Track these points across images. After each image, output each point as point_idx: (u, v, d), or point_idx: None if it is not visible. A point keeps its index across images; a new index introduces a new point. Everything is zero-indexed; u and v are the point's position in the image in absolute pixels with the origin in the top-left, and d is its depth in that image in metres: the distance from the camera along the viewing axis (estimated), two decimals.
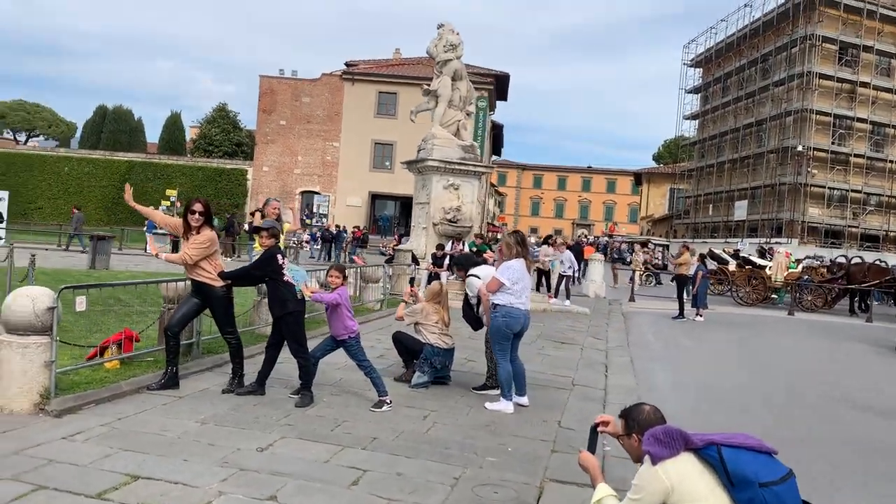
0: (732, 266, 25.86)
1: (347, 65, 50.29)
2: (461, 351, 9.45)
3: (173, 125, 59.36)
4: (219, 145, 51.98)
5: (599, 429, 3.65)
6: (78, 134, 78.11)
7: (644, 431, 3.26)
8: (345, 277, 6.67)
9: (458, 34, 18.18)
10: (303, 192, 47.04)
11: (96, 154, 48.04)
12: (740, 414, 8.06)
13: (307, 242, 37.96)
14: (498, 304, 6.80)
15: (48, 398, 5.51)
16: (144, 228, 28.76)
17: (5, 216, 32.74)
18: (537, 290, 19.63)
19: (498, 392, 7.00)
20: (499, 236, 40.84)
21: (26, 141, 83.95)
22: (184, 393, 6.48)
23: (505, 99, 56.94)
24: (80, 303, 6.06)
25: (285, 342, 6.59)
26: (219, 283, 6.47)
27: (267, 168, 46.98)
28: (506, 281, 6.74)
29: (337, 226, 37.93)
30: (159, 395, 6.32)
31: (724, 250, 29.13)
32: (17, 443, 4.79)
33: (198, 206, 6.47)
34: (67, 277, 14.42)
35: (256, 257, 9.11)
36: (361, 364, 6.58)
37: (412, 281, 7.89)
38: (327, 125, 46.68)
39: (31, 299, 5.42)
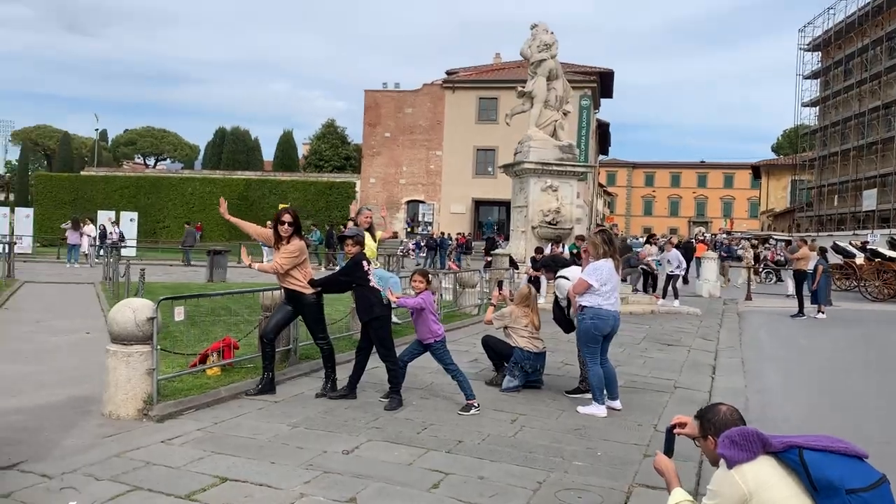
0: (860, 259, 24.19)
1: (448, 73, 50.85)
2: (557, 354, 9.31)
3: (286, 143, 61.87)
4: (328, 160, 53.74)
5: (676, 430, 3.47)
6: (201, 155, 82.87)
7: (720, 433, 3.07)
8: (428, 282, 6.70)
9: (552, 33, 17.99)
10: (408, 202, 47.86)
11: (216, 174, 50.74)
12: (858, 416, 7.48)
13: (412, 250, 38.58)
14: (585, 306, 6.63)
15: (151, 404, 5.82)
16: (260, 242, 30.03)
17: (127, 235, 35.12)
18: (645, 291, 19.07)
19: (591, 396, 6.82)
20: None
21: (155, 164, 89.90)
22: (279, 397, 6.69)
23: (610, 96, 55.90)
24: (179, 313, 6.38)
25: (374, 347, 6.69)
26: (309, 291, 6.65)
27: (374, 180, 48.10)
28: (593, 282, 6.56)
29: (442, 233, 38.32)
30: (256, 400, 6.55)
31: (850, 243, 27.29)
32: (120, 446, 5.08)
33: (287, 217, 6.67)
34: (185, 290, 15.24)
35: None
36: (448, 367, 6.58)
37: (500, 284, 7.83)
38: (430, 134, 47.31)
39: (132, 310, 5.75)
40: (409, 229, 45.01)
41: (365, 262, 6.53)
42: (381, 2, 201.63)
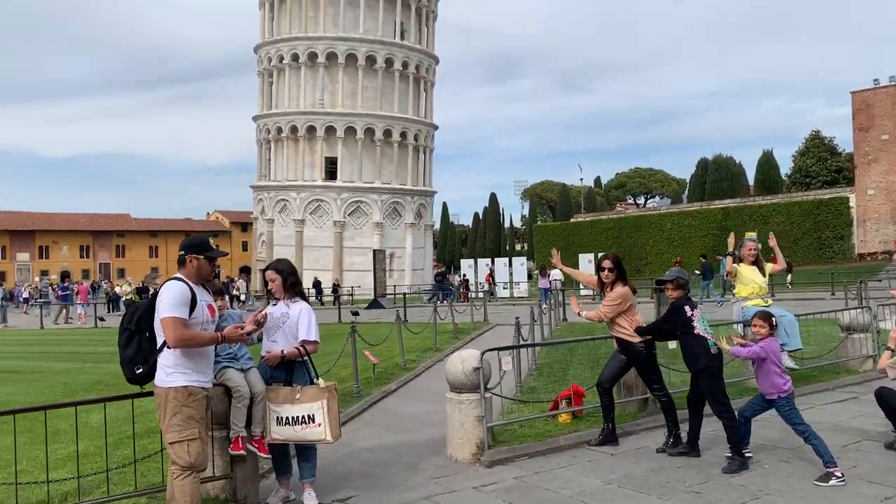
0: None
1: None
2: None
3: (766, 163, 58.29)
4: (815, 175, 48.89)
5: None
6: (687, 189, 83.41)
7: None
8: (772, 327, 5.76)
9: None
10: None
11: (694, 206, 50.48)
12: None
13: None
14: None
15: (483, 449, 6.24)
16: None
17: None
18: None
19: None
20: None
21: (645, 203, 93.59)
22: (619, 450, 6.47)
23: None
24: (506, 363, 6.71)
25: None
26: (636, 339, 6.34)
27: (872, 191, 42.00)
28: None
29: None
30: (593, 451, 6.45)
31: None
32: (438, 488, 5.58)
33: (606, 263, 6.51)
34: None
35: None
36: (796, 428, 5.53)
37: None
38: None
39: (461, 361, 6.29)
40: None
41: (688, 308, 5.96)
42: None
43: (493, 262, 41.00)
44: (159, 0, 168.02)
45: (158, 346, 4.42)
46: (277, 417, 5.04)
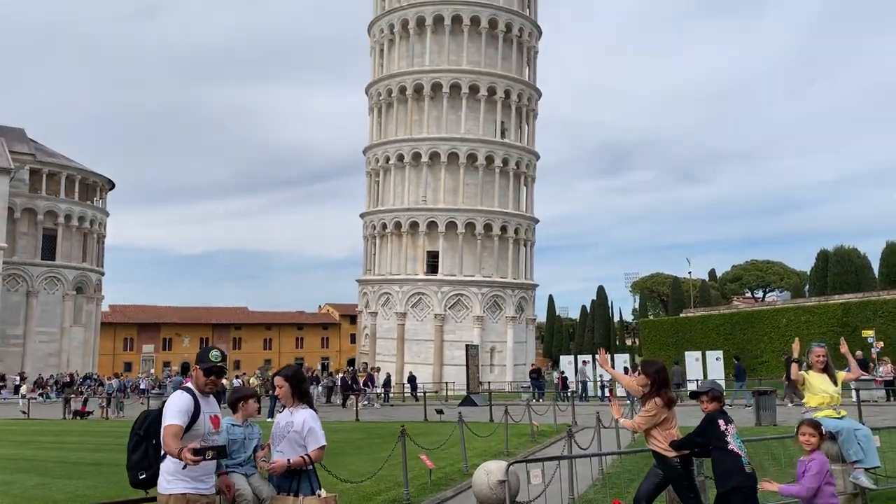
0: None
1: None
2: None
3: (891, 255, 54.65)
4: None
5: None
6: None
7: None
8: (821, 436, 5.29)
9: None
10: None
11: (810, 302, 47.73)
12: None
13: None
14: None
15: None
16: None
17: (714, 375, 34.97)
18: None
19: None
20: None
21: (763, 297, 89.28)
22: None
23: None
24: (536, 476, 6.43)
25: None
26: (671, 454, 5.96)
27: None
28: None
29: None
30: None
31: None
32: None
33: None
34: None
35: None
36: None
37: None
38: None
39: (486, 473, 6.11)
40: None
41: (722, 421, 5.58)
42: None
43: (593, 358, 39.81)
44: (283, 109, 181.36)
45: (162, 453, 4.57)
46: None
